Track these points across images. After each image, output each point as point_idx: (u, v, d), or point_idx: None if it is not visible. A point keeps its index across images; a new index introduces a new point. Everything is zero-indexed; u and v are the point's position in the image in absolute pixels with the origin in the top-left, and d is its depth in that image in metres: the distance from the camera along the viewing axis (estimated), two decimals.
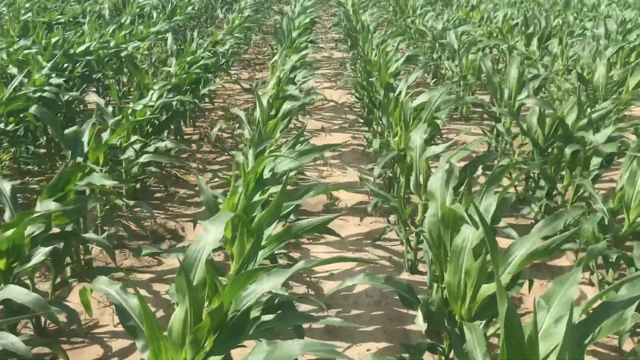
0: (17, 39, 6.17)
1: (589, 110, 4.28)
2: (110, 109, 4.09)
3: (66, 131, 3.27)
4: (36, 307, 2.16)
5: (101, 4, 9.30)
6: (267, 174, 2.95)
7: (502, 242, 3.48)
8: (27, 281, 2.63)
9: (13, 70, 4.64)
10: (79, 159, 3.13)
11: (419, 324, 2.18)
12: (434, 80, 7.55)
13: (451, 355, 2.23)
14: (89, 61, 5.47)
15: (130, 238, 3.64)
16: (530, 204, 3.87)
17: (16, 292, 2.19)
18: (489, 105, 4.85)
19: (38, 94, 4.30)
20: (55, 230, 2.68)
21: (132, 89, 6.45)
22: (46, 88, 4.37)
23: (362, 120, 5.69)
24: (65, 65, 5.25)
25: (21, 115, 4.26)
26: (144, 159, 3.69)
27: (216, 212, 2.73)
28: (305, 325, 2.58)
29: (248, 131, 4.02)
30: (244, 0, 10.81)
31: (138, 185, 4.21)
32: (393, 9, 10.58)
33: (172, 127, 4.93)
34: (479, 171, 3.27)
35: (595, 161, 3.63)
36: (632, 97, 4.85)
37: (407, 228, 3.36)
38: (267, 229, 2.29)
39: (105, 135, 3.51)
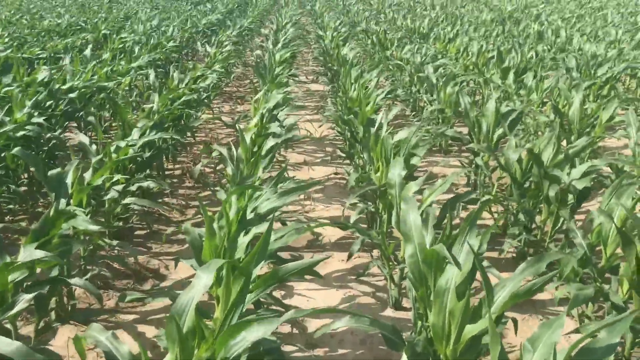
0: None
1: (564, 142, 4.40)
2: (94, 147, 4.10)
3: (49, 173, 3.25)
4: (19, 358, 2.12)
5: (83, 39, 9.33)
6: (250, 214, 2.97)
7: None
8: (9, 325, 2.60)
9: None
10: (63, 201, 3.12)
11: None
12: (414, 113, 7.68)
13: None
14: (72, 99, 5.48)
15: (113, 278, 3.62)
16: (510, 237, 3.93)
17: None
18: (467, 139, 4.94)
19: (20, 132, 4.29)
20: (38, 270, 2.66)
21: (114, 124, 6.46)
22: (28, 127, 4.35)
23: (344, 155, 5.76)
24: (48, 103, 5.24)
25: (2, 154, 4.24)
26: (127, 200, 3.69)
27: (201, 252, 2.76)
28: None
29: (231, 168, 4.05)
30: (223, 33, 10.94)
31: (120, 223, 4.20)
32: (372, 43, 10.76)
33: (154, 163, 4.94)
34: None
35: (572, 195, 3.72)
36: (604, 132, 4.99)
37: (391, 263, 3.40)
38: (253, 269, 2.31)
39: (87, 175, 3.51)
